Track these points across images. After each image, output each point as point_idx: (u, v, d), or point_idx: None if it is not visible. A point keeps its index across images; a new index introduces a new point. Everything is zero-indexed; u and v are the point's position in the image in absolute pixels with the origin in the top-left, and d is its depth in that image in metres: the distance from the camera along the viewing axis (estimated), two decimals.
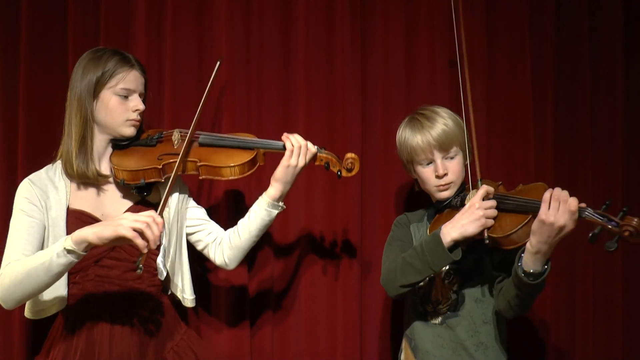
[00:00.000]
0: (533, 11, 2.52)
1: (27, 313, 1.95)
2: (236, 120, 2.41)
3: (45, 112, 2.32)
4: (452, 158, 2.04)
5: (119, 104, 1.96)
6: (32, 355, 2.11)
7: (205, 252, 2.13)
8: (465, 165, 2.07)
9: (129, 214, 1.76)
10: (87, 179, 1.96)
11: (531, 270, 1.80)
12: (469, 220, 1.87)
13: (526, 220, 1.82)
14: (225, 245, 2.08)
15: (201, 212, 2.14)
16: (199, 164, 1.98)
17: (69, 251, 1.73)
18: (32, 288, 1.78)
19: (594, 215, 1.72)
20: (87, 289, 1.93)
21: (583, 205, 1.75)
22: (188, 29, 2.42)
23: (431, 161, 2.05)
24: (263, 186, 2.11)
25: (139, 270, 1.74)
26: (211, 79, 2.10)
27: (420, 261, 1.92)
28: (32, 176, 1.96)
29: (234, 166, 1.98)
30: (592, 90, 2.56)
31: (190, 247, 2.14)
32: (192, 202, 2.13)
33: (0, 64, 2.35)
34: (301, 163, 2.01)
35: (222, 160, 1.99)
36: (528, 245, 1.79)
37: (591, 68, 2.56)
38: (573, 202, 1.73)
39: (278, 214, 2.06)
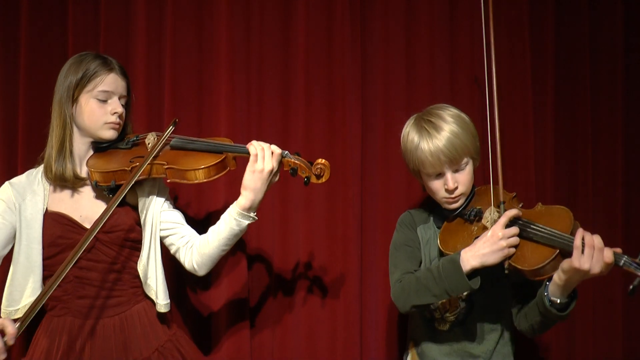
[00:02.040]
0: (533, 11, 2.52)
1: (3, 313, 1.96)
2: (236, 120, 2.41)
3: (45, 112, 2.31)
4: (462, 169, 1.96)
5: (98, 107, 1.98)
6: (17, 358, 2.12)
7: (177, 255, 2.07)
8: (477, 168, 2.04)
9: None
10: (64, 182, 1.98)
11: (558, 301, 1.80)
12: (490, 250, 1.80)
13: (553, 256, 1.76)
14: (195, 251, 2.01)
15: (176, 215, 2.08)
16: (165, 166, 1.96)
17: None
18: None
19: (631, 264, 1.68)
20: (67, 290, 1.96)
21: (619, 251, 1.72)
22: (188, 29, 2.42)
23: (440, 173, 1.96)
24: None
25: None
26: (164, 136, 2.02)
27: (437, 286, 1.86)
28: (13, 179, 2.02)
29: (197, 169, 1.93)
30: (592, 90, 2.56)
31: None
32: (168, 205, 2.08)
33: (0, 64, 2.35)
34: (267, 167, 1.92)
35: (188, 163, 1.95)
36: (557, 278, 1.77)
37: (591, 68, 2.56)
38: (609, 254, 1.70)
39: (250, 224, 1.96)
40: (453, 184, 1.94)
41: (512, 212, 1.84)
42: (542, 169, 2.50)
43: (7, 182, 2.00)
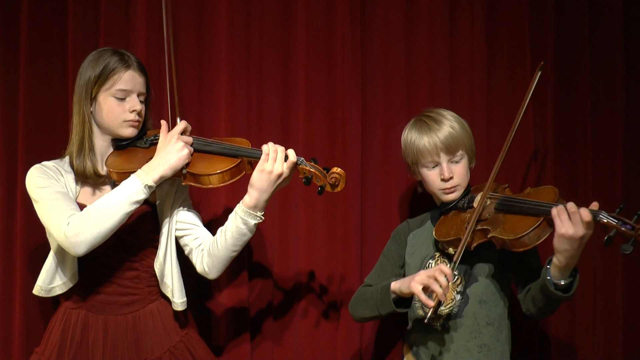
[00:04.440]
0: (533, 11, 2.52)
1: (36, 290, 1.99)
2: (236, 120, 2.41)
3: (45, 113, 2.32)
4: (457, 162, 2.03)
5: (116, 105, 1.97)
6: (32, 347, 2.13)
7: (190, 257, 2.07)
8: (470, 169, 2.08)
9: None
10: (86, 178, 1.98)
11: (562, 282, 1.82)
12: (408, 282, 1.91)
13: (538, 223, 1.81)
14: (206, 253, 2.01)
15: (192, 216, 2.08)
16: (183, 170, 1.95)
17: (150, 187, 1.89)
18: (105, 222, 1.84)
19: (608, 218, 1.72)
20: (84, 284, 1.98)
21: (596, 206, 1.76)
22: (188, 29, 2.42)
23: (437, 164, 2.03)
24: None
25: None
26: None
27: (373, 301, 2.02)
28: (43, 163, 2.00)
29: (211, 175, 1.93)
30: (592, 91, 2.55)
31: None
32: (185, 205, 2.09)
33: (1, 65, 2.35)
34: (277, 170, 1.89)
35: (203, 167, 1.95)
36: (555, 260, 1.80)
37: (591, 68, 2.55)
38: (585, 212, 1.73)
39: (258, 224, 1.96)
40: (448, 173, 2.02)
41: (442, 269, 1.85)
42: (542, 169, 2.50)
43: (38, 165, 1.98)
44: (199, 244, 2.05)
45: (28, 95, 2.33)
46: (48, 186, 1.93)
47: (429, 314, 1.87)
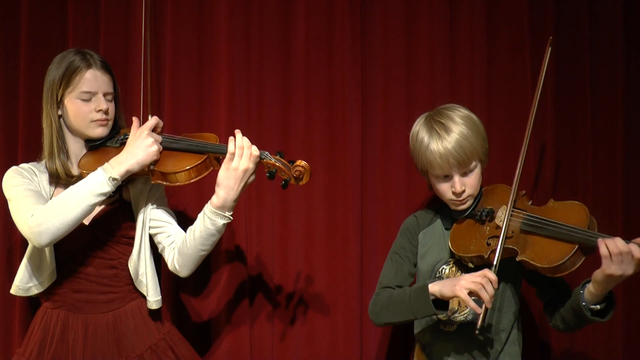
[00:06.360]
0: (533, 11, 2.51)
1: (14, 290, 2.00)
2: (236, 120, 2.41)
3: None
4: (470, 172, 1.96)
5: (83, 106, 1.98)
6: None
7: (163, 255, 2.06)
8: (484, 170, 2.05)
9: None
10: (59, 179, 2.00)
11: (598, 307, 1.81)
12: (451, 286, 1.81)
13: (573, 251, 1.77)
14: (177, 251, 2.00)
15: (165, 214, 2.07)
16: (151, 167, 1.95)
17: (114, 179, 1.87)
18: (69, 213, 1.83)
19: None
20: (63, 284, 1.99)
21: (639, 241, 1.74)
22: (188, 29, 2.42)
23: (447, 176, 1.96)
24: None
25: None
26: None
27: (405, 305, 1.91)
28: (20, 165, 2.03)
29: (177, 172, 1.93)
30: (592, 90, 2.55)
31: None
32: (159, 203, 2.08)
33: (0, 64, 2.35)
34: (242, 166, 1.88)
35: (170, 165, 1.95)
36: (592, 289, 1.79)
37: (591, 68, 2.55)
38: (636, 251, 1.71)
39: (227, 224, 1.93)
40: (460, 187, 1.94)
41: (488, 275, 1.79)
42: (542, 169, 2.50)
43: (14, 167, 2.01)
44: (171, 241, 2.04)
45: (28, 95, 2.34)
46: (21, 184, 1.95)
47: (479, 324, 1.77)
